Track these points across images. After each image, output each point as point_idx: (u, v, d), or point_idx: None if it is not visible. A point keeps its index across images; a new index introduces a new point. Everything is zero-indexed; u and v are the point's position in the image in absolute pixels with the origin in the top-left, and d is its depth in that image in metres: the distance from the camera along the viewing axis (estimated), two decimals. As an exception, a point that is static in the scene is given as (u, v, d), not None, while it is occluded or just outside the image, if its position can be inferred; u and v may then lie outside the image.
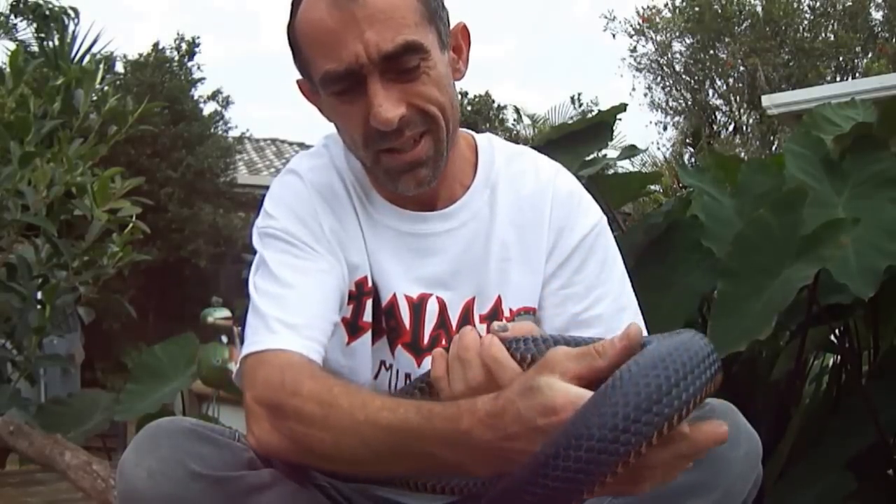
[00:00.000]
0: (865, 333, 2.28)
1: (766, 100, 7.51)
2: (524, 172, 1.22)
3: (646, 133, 24.09)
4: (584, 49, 40.69)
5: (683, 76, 17.82)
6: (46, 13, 5.45)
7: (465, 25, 1.17)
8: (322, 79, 1.07)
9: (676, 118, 18.06)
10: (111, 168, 2.97)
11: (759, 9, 16.79)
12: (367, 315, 1.15)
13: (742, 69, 16.74)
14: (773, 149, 15.16)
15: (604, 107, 5.34)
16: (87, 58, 6.14)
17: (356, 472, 1.08)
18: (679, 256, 2.18)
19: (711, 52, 17.25)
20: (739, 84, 17.07)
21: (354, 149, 1.13)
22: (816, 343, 2.28)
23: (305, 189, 1.16)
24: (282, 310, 1.05)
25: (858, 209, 1.96)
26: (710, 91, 17.88)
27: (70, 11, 5.37)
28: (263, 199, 1.18)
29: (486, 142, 1.24)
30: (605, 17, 19.26)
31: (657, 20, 17.38)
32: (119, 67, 9.01)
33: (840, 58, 16.64)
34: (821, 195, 2.02)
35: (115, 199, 2.89)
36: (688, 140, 15.84)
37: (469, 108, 14.66)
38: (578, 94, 16.43)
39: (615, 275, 1.19)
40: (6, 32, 6.30)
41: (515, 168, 1.22)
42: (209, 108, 9.81)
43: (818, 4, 16.99)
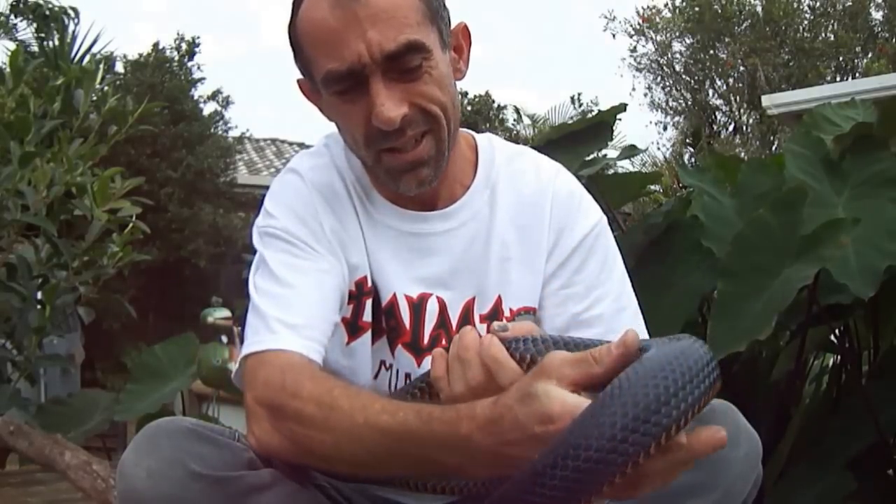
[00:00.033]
0: (865, 333, 2.27)
1: (766, 100, 7.52)
2: (524, 172, 1.22)
3: (646, 133, 24.11)
4: (584, 49, 40.75)
5: (683, 76, 17.83)
6: (46, 13, 5.44)
7: (466, 25, 1.17)
8: (324, 78, 1.07)
9: (676, 118, 18.08)
10: (111, 168, 2.96)
11: (759, 9, 16.80)
12: (367, 315, 1.15)
13: (742, 69, 16.74)
14: (773, 149, 15.17)
15: (604, 107, 5.33)
16: (87, 58, 6.14)
17: (356, 474, 1.08)
18: (679, 256, 2.18)
19: (711, 52, 17.25)
20: (739, 84, 17.07)
21: (356, 148, 1.13)
22: (816, 343, 2.28)
23: (306, 188, 1.16)
24: (282, 310, 1.05)
25: (858, 209, 1.96)
26: (710, 91, 17.90)
27: (70, 11, 5.36)
28: (264, 199, 1.18)
29: (487, 142, 1.24)
30: (605, 17, 19.26)
31: (657, 20, 17.39)
32: (119, 67, 9.02)
33: (840, 58, 16.65)
34: (821, 195, 2.02)
35: (115, 199, 2.89)
36: (688, 140, 15.84)
37: (469, 108, 14.65)
38: (578, 94, 16.47)
39: (615, 275, 1.19)
40: (6, 32, 6.29)
41: (516, 168, 1.22)
42: (209, 108, 9.84)
43: (818, 4, 17.00)
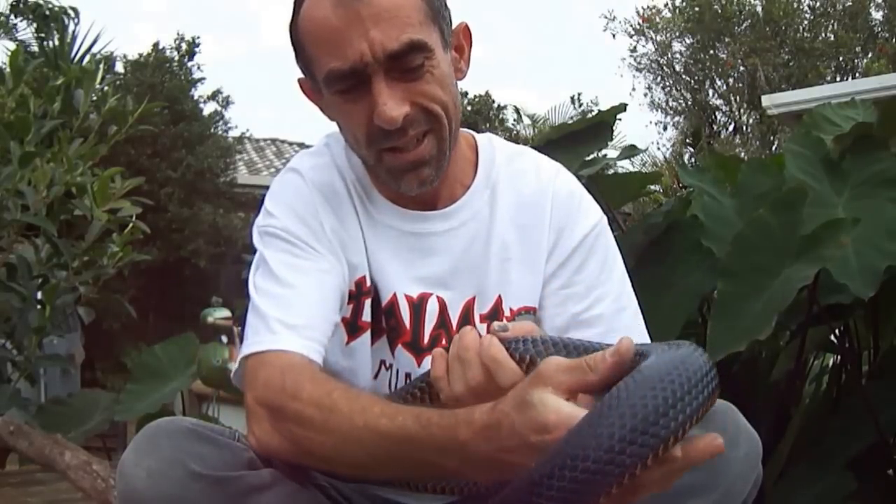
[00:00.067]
0: (865, 333, 2.27)
1: (766, 100, 7.51)
2: (525, 172, 1.22)
3: (646, 133, 24.10)
4: (584, 49, 40.75)
5: (683, 76, 17.83)
6: (46, 13, 5.44)
7: (467, 25, 1.17)
8: (326, 77, 1.07)
9: (676, 118, 18.08)
10: (111, 168, 2.96)
11: (759, 9, 16.79)
12: (366, 315, 1.15)
13: (742, 69, 16.74)
14: (773, 149, 15.17)
15: (604, 107, 5.33)
16: (87, 58, 6.14)
17: (356, 475, 1.08)
18: (679, 256, 2.18)
19: (711, 52, 17.25)
20: (739, 84, 17.07)
21: (357, 147, 1.13)
22: (816, 343, 2.28)
23: (306, 188, 1.16)
24: (282, 310, 1.05)
25: (858, 209, 1.96)
26: (710, 91, 17.89)
27: (70, 11, 5.36)
28: (264, 199, 1.18)
29: (487, 141, 1.24)
30: (605, 17, 19.26)
31: (657, 20, 17.39)
32: (119, 67, 9.01)
33: (840, 58, 16.65)
34: (821, 195, 2.02)
35: (115, 199, 2.89)
36: (688, 140, 15.83)
37: (469, 108, 14.65)
38: (578, 94, 16.49)
39: (615, 275, 1.19)
40: (6, 32, 6.29)
41: (516, 168, 1.22)
42: (209, 108, 9.84)
43: (818, 4, 16.99)
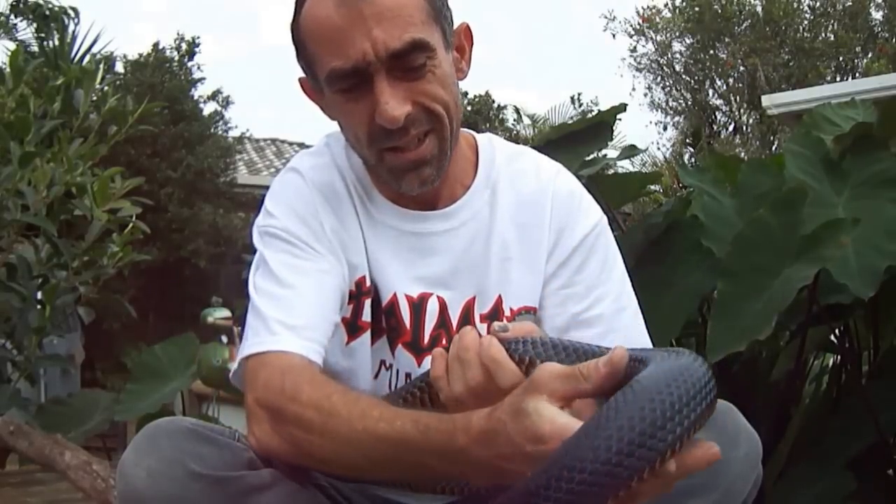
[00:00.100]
0: (865, 333, 2.27)
1: (766, 100, 7.51)
2: (525, 172, 1.22)
3: (646, 133, 24.11)
4: (584, 49, 40.76)
5: (683, 76, 17.83)
6: (46, 13, 5.44)
7: (468, 26, 1.17)
8: (328, 76, 1.07)
9: (676, 118, 18.08)
10: (111, 168, 2.96)
11: (759, 9, 16.79)
12: (366, 315, 1.15)
13: (742, 69, 16.74)
14: (773, 149, 15.17)
15: (604, 107, 5.34)
16: (87, 58, 6.16)
17: (355, 477, 1.08)
18: (679, 256, 2.18)
19: (711, 52, 17.25)
20: (739, 84, 17.07)
21: (358, 147, 1.13)
22: (816, 343, 2.28)
23: (306, 187, 1.16)
24: (282, 311, 1.05)
25: (858, 209, 1.96)
26: (710, 91, 17.89)
27: (70, 11, 5.37)
28: (264, 199, 1.18)
29: (487, 141, 1.24)
30: (605, 17, 19.25)
31: (657, 20, 17.39)
32: (119, 67, 9.01)
33: (840, 58, 16.65)
34: (821, 195, 2.02)
35: (115, 199, 2.89)
36: (688, 140, 15.84)
37: (469, 108, 14.65)
38: (578, 94, 16.48)
39: (615, 274, 1.19)
40: (6, 32, 6.30)
41: (516, 168, 1.22)
42: (209, 108, 9.82)
43: (818, 4, 16.99)
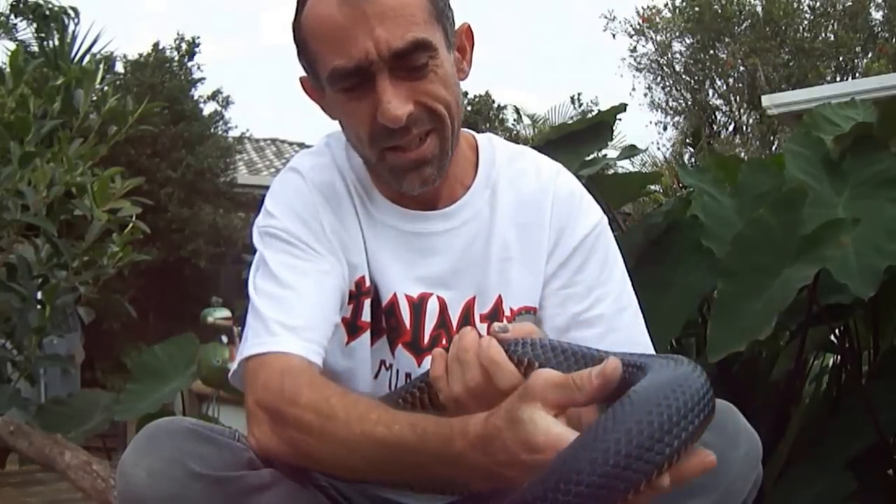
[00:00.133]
0: (865, 333, 2.27)
1: (766, 100, 7.51)
2: (525, 172, 1.22)
3: (646, 133, 24.11)
4: (584, 49, 40.78)
5: (683, 76, 17.82)
6: (46, 13, 5.44)
7: (470, 26, 1.17)
8: (330, 75, 1.07)
9: (676, 118, 18.07)
10: (111, 168, 2.97)
11: (759, 9, 16.79)
12: (366, 315, 1.15)
13: (742, 69, 16.74)
14: (773, 149, 15.16)
15: (604, 107, 5.34)
16: (87, 58, 6.16)
17: (354, 478, 1.09)
18: (679, 256, 2.18)
19: (711, 52, 17.25)
20: (739, 84, 17.07)
21: (359, 146, 1.13)
22: (816, 343, 2.28)
23: (307, 187, 1.16)
24: (282, 312, 1.05)
25: (858, 209, 1.96)
26: (710, 91, 17.89)
27: (70, 11, 5.37)
28: (264, 199, 1.18)
29: (487, 141, 1.24)
30: (605, 17, 19.24)
31: (657, 20, 17.38)
32: (119, 67, 9.00)
33: (840, 58, 16.64)
34: (821, 195, 2.02)
35: (115, 199, 2.89)
36: (688, 140, 15.82)
37: (469, 108, 14.65)
38: (578, 94, 16.48)
39: (616, 274, 1.19)
40: (6, 32, 6.29)
41: (516, 168, 1.22)
42: (209, 108, 9.81)
43: (818, 4, 16.99)
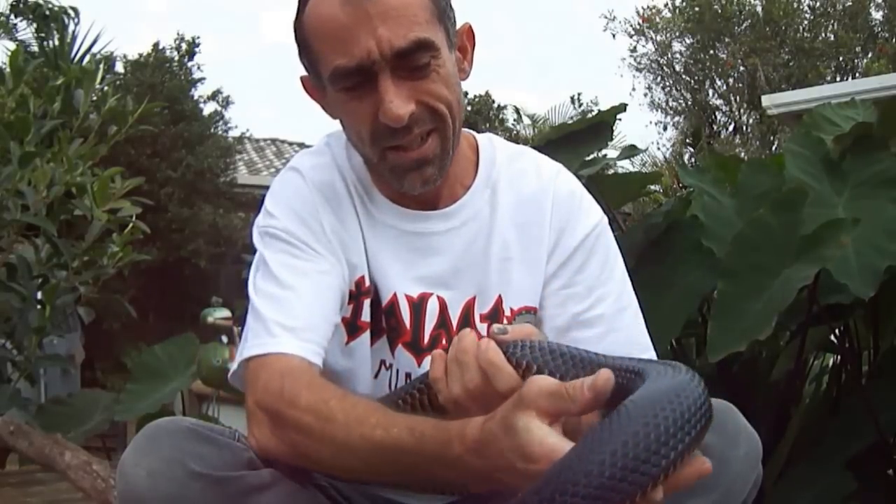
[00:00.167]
0: (865, 333, 2.27)
1: (766, 100, 7.51)
2: (525, 172, 1.22)
3: (646, 133, 24.11)
4: (584, 49, 40.78)
5: (683, 76, 17.82)
6: (46, 13, 5.44)
7: (471, 26, 1.17)
8: (332, 74, 1.07)
9: (676, 118, 18.07)
10: (111, 168, 2.97)
11: (759, 9, 16.79)
12: (366, 315, 1.15)
13: (742, 69, 16.74)
14: (773, 149, 15.16)
15: (604, 107, 5.34)
16: (87, 58, 6.16)
17: (354, 480, 1.09)
18: (679, 256, 2.18)
19: (711, 52, 17.25)
20: (739, 84, 17.06)
21: (360, 146, 1.13)
22: (816, 343, 2.28)
23: (307, 187, 1.16)
24: (281, 312, 1.05)
25: (858, 209, 1.96)
26: (710, 91, 17.89)
27: (70, 11, 5.37)
28: (264, 199, 1.18)
29: (487, 141, 1.24)
30: (605, 18, 19.26)
31: (657, 20, 17.38)
32: (119, 67, 9.00)
33: (840, 58, 16.64)
34: (821, 195, 2.02)
35: (115, 199, 2.89)
36: (688, 140, 15.83)
37: (469, 108, 14.65)
38: (578, 94, 16.49)
39: (616, 274, 1.19)
40: (6, 32, 6.29)
41: (516, 168, 1.22)
42: (209, 108, 9.81)
43: (818, 4, 16.99)
